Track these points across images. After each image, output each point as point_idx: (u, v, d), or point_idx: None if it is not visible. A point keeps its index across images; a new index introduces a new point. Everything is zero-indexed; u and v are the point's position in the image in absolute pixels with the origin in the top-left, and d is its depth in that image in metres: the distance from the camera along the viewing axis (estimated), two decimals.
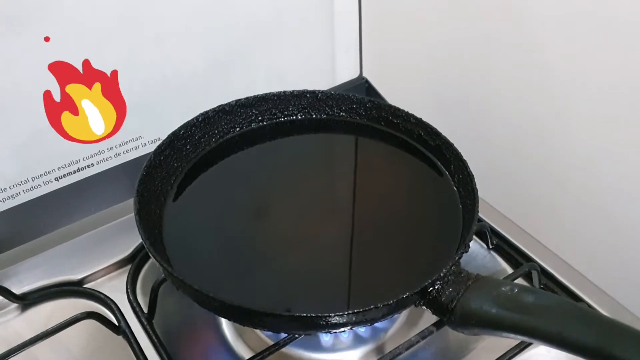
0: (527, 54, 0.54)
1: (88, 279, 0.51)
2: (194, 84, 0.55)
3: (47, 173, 0.50)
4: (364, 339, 0.47)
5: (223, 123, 0.53)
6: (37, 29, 0.45)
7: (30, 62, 0.45)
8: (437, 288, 0.38)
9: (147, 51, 0.51)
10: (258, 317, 0.37)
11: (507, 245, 0.52)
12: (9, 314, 0.49)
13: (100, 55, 0.48)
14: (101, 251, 0.52)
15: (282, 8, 0.57)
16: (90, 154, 0.52)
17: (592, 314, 0.35)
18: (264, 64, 0.59)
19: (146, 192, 0.45)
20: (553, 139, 0.56)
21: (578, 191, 0.56)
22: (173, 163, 0.50)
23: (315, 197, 0.50)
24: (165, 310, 0.47)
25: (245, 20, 0.55)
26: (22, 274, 0.50)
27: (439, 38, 0.63)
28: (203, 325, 0.48)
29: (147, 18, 0.49)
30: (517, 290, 0.36)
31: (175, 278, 0.38)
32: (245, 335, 0.47)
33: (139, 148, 0.54)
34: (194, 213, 0.47)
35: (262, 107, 0.55)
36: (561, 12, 0.49)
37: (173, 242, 0.44)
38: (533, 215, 0.57)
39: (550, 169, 0.58)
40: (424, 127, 0.51)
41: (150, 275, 0.51)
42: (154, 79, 0.52)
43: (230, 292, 0.38)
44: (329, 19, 0.61)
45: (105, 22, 0.47)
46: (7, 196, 0.49)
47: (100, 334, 0.46)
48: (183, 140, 0.50)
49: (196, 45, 0.54)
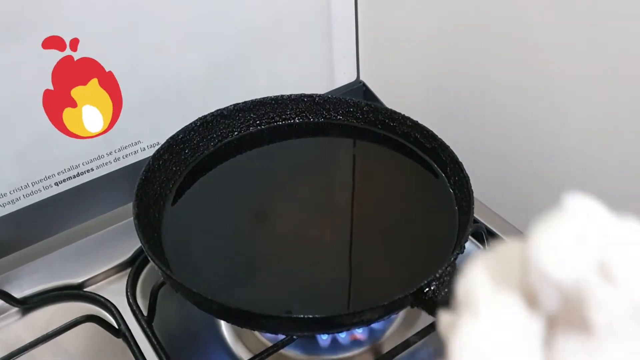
0: (524, 57, 0.55)
1: (88, 283, 0.51)
2: (193, 89, 0.55)
3: (47, 178, 0.51)
4: (361, 340, 0.47)
5: (221, 127, 0.54)
6: (36, 36, 0.45)
7: (29, 68, 0.46)
8: (432, 289, 0.38)
9: (147, 57, 0.51)
10: (256, 319, 0.37)
11: None
12: (9, 317, 0.49)
13: (100, 60, 0.49)
14: (101, 255, 0.52)
15: (281, 14, 0.58)
16: (90, 159, 0.52)
17: None
18: (262, 69, 0.59)
19: (145, 196, 0.46)
20: (549, 141, 0.56)
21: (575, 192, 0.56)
22: (172, 167, 0.50)
23: (312, 200, 0.50)
24: (165, 313, 0.47)
25: (244, 26, 0.56)
26: (23, 278, 0.51)
27: (435, 42, 0.64)
28: (202, 327, 0.49)
29: (147, 24, 0.50)
30: None
31: (174, 281, 0.39)
32: (244, 337, 0.48)
33: (137, 152, 0.55)
34: (192, 217, 0.47)
35: (260, 111, 0.55)
36: (558, 15, 0.50)
37: (172, 245, 0.44)
38: (529, 216, 0.58)
39: (546, 171, 0.58)
40: (420, 130, 0.52)
41: (149, 278, 0.51)
42: (153, 84, 0.53)
43: (229, 294, 0.39)
44: (327, 24, 0.61)
45: (105, 28, 0.48)
46: (8, 201, 0.50)
47: (100, 337, 0.46)
48: (182, 145, 0.51)
49: (196, 51, 0.54)
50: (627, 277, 0.14)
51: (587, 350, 0.15)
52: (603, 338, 0.14)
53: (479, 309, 0.15)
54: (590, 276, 0.14)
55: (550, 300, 0.15)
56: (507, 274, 0.16)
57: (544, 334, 0.15)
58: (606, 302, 0.14)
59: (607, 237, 0.15)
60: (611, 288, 0.14)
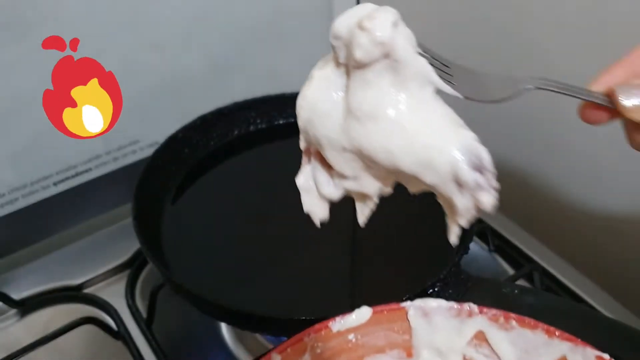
0: (525, 53, 0.54)
1: (87, 284, 0.50)
2: (192, 88, 0.55)
3: (45, 178, 0.50)
4: None
5: (221, 126, 0.53)
6: (36, 36, 0.45)
7: (29, 68, 0.45)
8: (437, 290, 0.38)
9: (146, 55, 0.51)
10: (257, 321, 0.37)
11: (508, 246, 0.52)
12: (8, 319, 0.48)
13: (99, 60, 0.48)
14: (100, 256, 0.52)
15: (281, 11, 0.57)
16: (88, 159, 0.52)
17: (593, 314, 0.35)
18: (263, 66, 0.59)
19: (144, 197, 0.45)
20: (554, 140, 0.56)
21: (579, 192, 0.55)
22: (171, 167, 0.49)
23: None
24: (164, 315, 0.47)
25: (245, 24, 0.55)
26: (21, 279, 0.50)
27: (435, 39, 0.63)
28: (202, 329, 0.48)
29: (146, 23, 0.49)
30: (517, 291, 0.36)
31: (174, 282, 0.38)
32: (245, 339, 0.47)
33: (136, 152, 0.54)
34: (192, 217, 0.47)
35: (261, 109, 0.55)
36: (560, 11, 0.49)
37: (171, 246, 0.44)
38: (534, 216, 0.57)
39: (551, 170, 0.58)
40: None
41: (149, 280, 0.50)
42: (152, 83, 0.52)
43: (230, 296, 0.38)
44: (327, 21, 0.61)
45: (104, 27, 0.47)
46: (6, 201, 0.49)
47: (99, 339, 0.45)
48: (181, 144, 0.50)
49: (195, 49, 0.54)
50: (370, 25, 0.23)
51: (363, 81, 0.25)
52: (368, 69, 0.24)
53: (313, 75, 0.27)
54: (354, 29, 0.24)
55: (339, 51, 0.25)
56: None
57: (345, 81, 0.26)
58: (360, 42, 0.24)
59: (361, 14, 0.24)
60: (362, 32, 0.24)
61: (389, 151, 0.25)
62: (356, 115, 0.25)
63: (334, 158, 0.27)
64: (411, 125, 0.24)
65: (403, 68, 0.24)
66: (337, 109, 0.26)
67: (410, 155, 0.25)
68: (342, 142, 0.26)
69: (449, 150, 0.24)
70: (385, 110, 0.24)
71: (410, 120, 0.25)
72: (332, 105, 0.26)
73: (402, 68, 0.24)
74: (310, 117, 0.27)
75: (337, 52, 0.26)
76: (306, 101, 0.27)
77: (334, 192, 0.30)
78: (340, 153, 0.27)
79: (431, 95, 0.25)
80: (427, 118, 0.25)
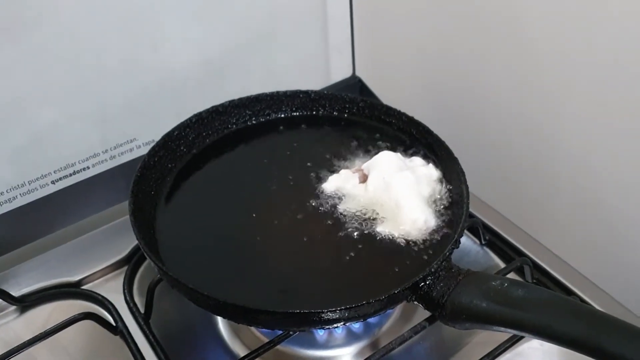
0: (520, 52, 0.55)
1: (85, 281, 0.51)
2: (188, 86, 0.55)
3: (43, 176, 0.51)
4: (358, 335, 0.47)
5: (217, 124, 0.54)
6: (34, 36, 0.45)
7: (27, 68, 0.46)
8: (428, 283, 0.39)
9: (143, 55, 0.51)
10: (253, 315, 0.37)
11: (500, 240, 0.53)
12: (7, 316, 0.49)
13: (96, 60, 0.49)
14: (98, 253, 0.52)
15: (276, 10, 0.58)
16: (86, 157, 0.52)
17: (581, 307, 0.35)
18: (258, 65, 0.59)
19: (141, 193, 0.46)
20: (545, 135, 0.56)
21: (570, 186, 0.56)
22: (167, 164, 0.50)
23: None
24: (161, 310, 0.48)
25: (240, 23, 0.56)
26: (20, 276, 0.51)
27: (431, 37, 0.64)
28: (199, 324, 0.49)
29: (143, 23, 0.50)
30: (507, 284, 0.37)
31: (170, 277, 0.39)
32: (241, 333, 0.48)
33: (133, 150, 0.55)
34: (188, 213, 0.47)
35: (256, 108, 0.55)
36: (554, 11, 0.50)
37: (168, 241, 0.44)
38: (525, 210, 0.58)
39: (542, 165, 0.58)
40: (416, 126, 0.52)
41: (146, 275, 0.51)
42: (149, 82, 0.53)
43: (225, 290, 0.39)
44: (322, 20, 0.61)
45: (101, 27, 0.48)
46: (5, 200, 0.50)
47: (98, 335, 0.46)
48: (177, 141, 0.51)
49: (191, 47, 0.54)
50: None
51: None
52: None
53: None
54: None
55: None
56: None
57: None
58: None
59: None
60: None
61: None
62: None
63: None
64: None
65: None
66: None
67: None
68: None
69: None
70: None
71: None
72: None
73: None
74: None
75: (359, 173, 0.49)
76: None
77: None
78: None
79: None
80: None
